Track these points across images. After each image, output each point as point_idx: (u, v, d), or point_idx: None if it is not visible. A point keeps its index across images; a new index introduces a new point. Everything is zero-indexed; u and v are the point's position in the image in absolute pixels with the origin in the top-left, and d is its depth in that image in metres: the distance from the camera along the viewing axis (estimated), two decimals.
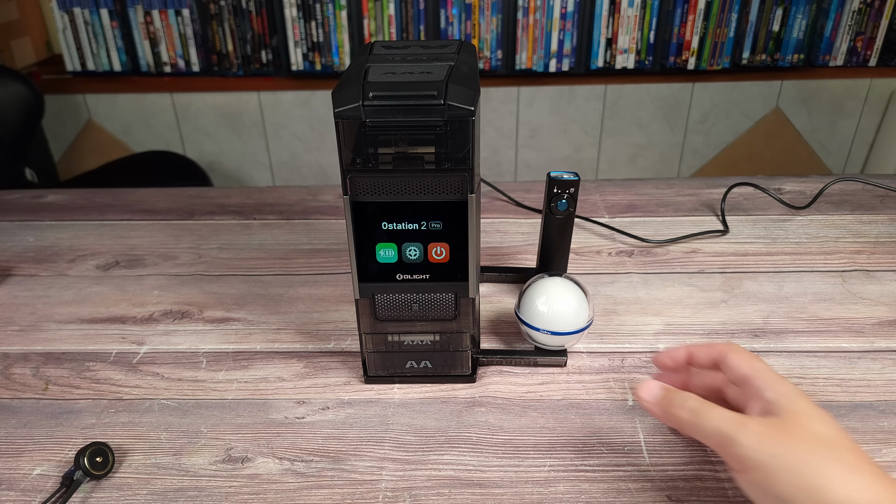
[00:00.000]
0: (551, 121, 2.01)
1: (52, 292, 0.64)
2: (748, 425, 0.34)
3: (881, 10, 1.83)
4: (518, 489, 0.41)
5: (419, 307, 0.47)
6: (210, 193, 0.85)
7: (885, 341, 0.54)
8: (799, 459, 0.32)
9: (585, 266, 0.66)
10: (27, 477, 0.43)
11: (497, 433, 0.46)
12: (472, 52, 0.45)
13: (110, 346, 0.56)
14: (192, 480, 0.42)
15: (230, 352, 0.55)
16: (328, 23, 1.81)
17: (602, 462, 0.43)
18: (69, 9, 1.81)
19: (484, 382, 0.51)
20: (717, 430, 0.34)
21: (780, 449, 0.32)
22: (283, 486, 0.42)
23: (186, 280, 0.65)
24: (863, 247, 0.69)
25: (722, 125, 2.04)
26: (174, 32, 1.84)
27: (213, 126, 2.01)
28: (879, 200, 0.79)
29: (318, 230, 0.75)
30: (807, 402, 0.34)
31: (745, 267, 0.66)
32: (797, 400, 0.34)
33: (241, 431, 0.46)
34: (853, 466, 0.31)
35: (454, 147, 0.40)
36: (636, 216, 0.76)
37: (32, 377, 0.52)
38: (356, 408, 0.48)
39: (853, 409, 0.47)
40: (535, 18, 1.81)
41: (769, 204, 0.78)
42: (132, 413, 0.48)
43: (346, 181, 0.41)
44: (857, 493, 0.30)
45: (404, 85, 0.39)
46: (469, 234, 0.43)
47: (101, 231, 0.75)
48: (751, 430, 0.33)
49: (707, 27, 1.84)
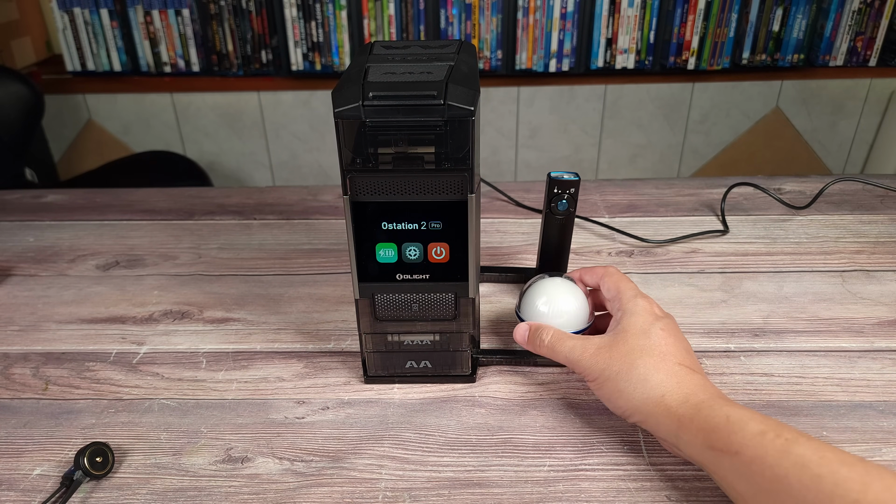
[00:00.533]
0: (551, 121, 2.01)
1: (52, 292, 0.64)
2: (586, 348, 0.44)
3: (881, 10, 1.83)
4: (518, 489, 0.41)
5: (419, 307, 0.47)
6: (210, 193, 0.85)
7: (884, 341, 0.54)
8: (616, 368, 0.42)
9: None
10: (27, 477, 0.43)
11: (497, 433, 0.46)
12: (472, 52, 0.45)
13: (110, 346, 0.56)
14: (192, 480, 0.42)
15: (230, 352, 0.55)
16: (328, 23, 1.81)
17: (601, 462, 0.43)
18: (69, 9, 1.81)
19: (484, 382, 0.51)
20: (567, 355, 0.45)
21: (605, 362, 0.43)
22: (283, 486, 0.42)
23: (186, 280, 0.65)
24: (863, 247, 0.69)
25: (722, 125, 2.04)
26: (174, 32, 1.84)
27: (213, 126, 2.01)
28: (879, 200, 0.79)
29: (318, 230, 0.75)
30: (637, 319, 0.44)
31: (745, 267, 0.66)
32: (630, 318, 0.44)
33: (240, 431, 0.46)
34: (652, 367, 0.41)
35: (454, 147, 0.40)
36: (636, 216, 0.76)
37: (32, 377, 0.52)
38: (356, 408, 0.48)
39: (853, 408, 0.47)
40: (535, 18, 1.81)
41: (769, 204, 0.78)
42: (132, 413, 0.48)
43: (346, 181, 0.41)
44: (651, 388, 0.40)
45: (404, 85, 0.39)
46: (469, 234, 0.43)
47: (101, 231, 0.75)
48: (587, 352, 0.44)
49: (707, 27, 1.84)
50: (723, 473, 0.36)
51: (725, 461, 0.36)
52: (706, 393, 0.40)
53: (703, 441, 0.37)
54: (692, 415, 0.38)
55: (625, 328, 0.44)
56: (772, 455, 0.34)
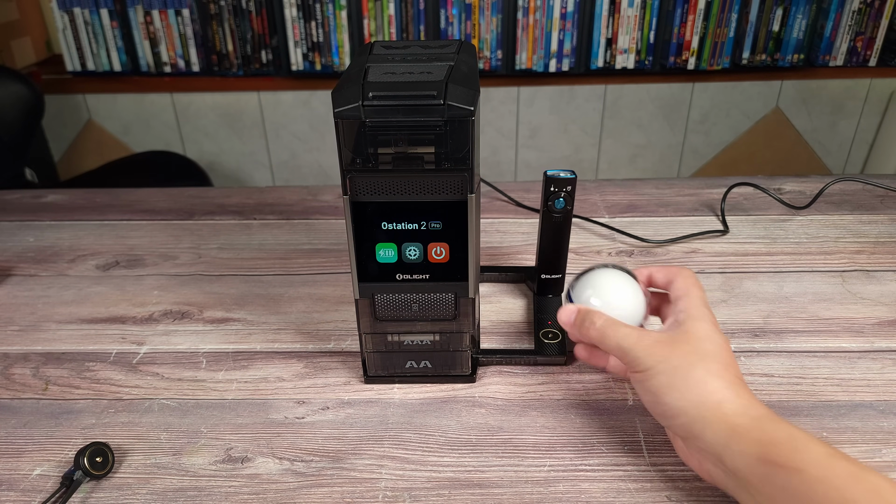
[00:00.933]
0: (551, 121, 2.01)
1: (52, 292, 0.64)
2: (643, 338, 0.41)
3: (881, 10, 1.83)
4: (518, 489, 0.41)
5: (419, 307, 0.47)
6: (210, 193, 0.85)
7: (885, 341, 0.54)
8: (674, 364, 0.39)
9: (585, 266, 0.66)
10: (27, 477, 0.43)
11: (497, 433, 0.46)
12: (472, 52, 0.45)
13: (110, 346, 0.56)
14: (192, 480, 0.42)
15: (230, 352, 0.55)
16: (328, 23, 1.81)
17: (602, 462, 0.43)
18: (69, 9, 1.81)
19: (484, 382, 0.51)
20: (618, 343, 0.42)
21: (662, 356, 0.40)
22: (283, 486, 0.42)
23: (186, 280, 0.65)
24: (863, 247, 0.69)
25: (722, 125, 2.04)
26: (174, 32, 1.84)
27: (213, 126, 2.01)
28: (879, 200, 0.79)
29: (318, 230, 0.75)
30: (704, 325, 0.41)
31: (745, 267, 0.66)
32: (697, 323, 0.41)
33: (240, 431, 0.46)
34: (714, 373, 0.38)
35: (454, 147, 0.40)
36: (636, 216, 0.76)
37: (32, 377, 0.52)
38: (356, 408, 0.48)
39: (853, 408, 0.47)
40: (535, 18, 1.81)
41: (769, 204, 0.78)
42: (132, 413, 0.48)
43: (346, 181, 0.41)
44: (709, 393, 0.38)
45: (404, 85, 0.39)
46: (469, 234, 0.43)
47: (101, 231, 0.75)
48: (643, 342, 0.41)
49: (707, 27, 1.84)
50: (772, 491, 0.34)
51: (782, 477, 0.34)
52: (764, 409, 0.38)
53: (758, 453, 0.35)
54: (750, 426, 0.36)
55: (688, 330, 0.41)
56: (841, 478, 0.32)
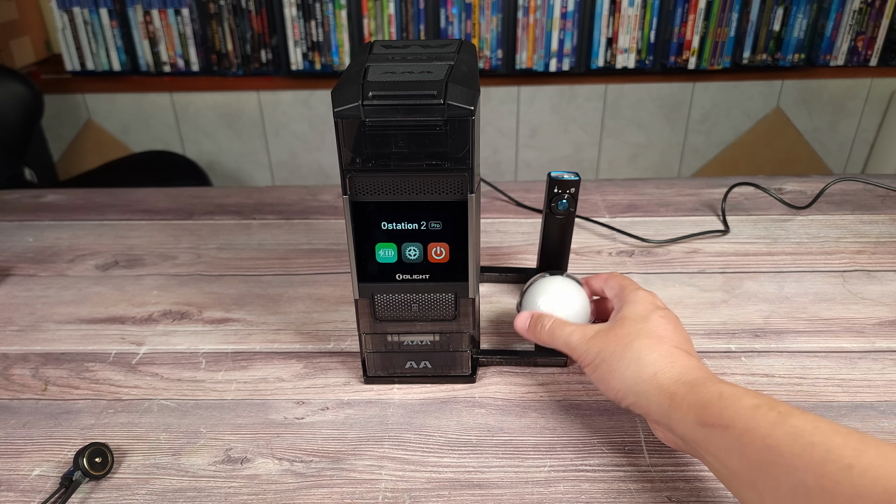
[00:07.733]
0: (551, 120, 2.01)
1: (51, 292, 0.63)
2: (585, 333, 0.45)
3: (882, 10, 1.82)
4: (518, 490, 0.41)
5: (419, 307, 0.46)
6: (209, 193, 0.84)
7: (885, 341, 0.54)
8: (611, 349, 0.42)
9: (586, 266, 0.66)
10: (26, 477, 0.43)
11: (497, 434, 0.46)
12: (472, 52, 0.45)
13: (109, 346, 0.56)
14: (192, 481, 0.42)
15: (229, 352, 0.55)
16: (328, 22, 1.81)
17: (602, 462, 0.43)
18: (68, 8, 1.81)
19: (484, 383, 0.51)
20: (565, 341, 0.46)
21: (602, 345, 0.43)
22: (283, 487, 0.42)
23: (186, 280, 0.65)
24: (864, 247, 0.69)
25: (722, 125, 2.04)
26: (174, 32, 1.84)
27: (213, 126, 2.01)
28: (880, 200, 0.79)
29: (317, 230, 0.75)
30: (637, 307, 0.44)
31: (745, 267, 0.65)
32: (630, 306, 0.45)
33: (240, 432, 0.46)
34: (647, 347, 0.41)
35: (454, 147, 0.40)
36: (637, 216, 0.76)
37: (31, 377, 0.52)
38: (356, 408, 0.48)
39: (854, 409, 0.47)
40: (536, 18, 1.81)
41: (770, 204, 0.78)
42: (131, 413, 0.48)
43: (346, 181, 0.41)
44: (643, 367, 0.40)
45: (404, 84, 0.39)
46: (469, 234, 0.43)
47: (101, 231, 0.75)
48: (584, 337, 0.45)
49: (708, 27, 1.84)
50: (714, 451, 0.35)
51: (717, 436, 0.35)
52: (700, 372, 0.39)
53: (694, 417, 0.36)
54: (684, 392, 0.38)
55: (624, 315, 0.44)
56: (764, 426, 0.33)
